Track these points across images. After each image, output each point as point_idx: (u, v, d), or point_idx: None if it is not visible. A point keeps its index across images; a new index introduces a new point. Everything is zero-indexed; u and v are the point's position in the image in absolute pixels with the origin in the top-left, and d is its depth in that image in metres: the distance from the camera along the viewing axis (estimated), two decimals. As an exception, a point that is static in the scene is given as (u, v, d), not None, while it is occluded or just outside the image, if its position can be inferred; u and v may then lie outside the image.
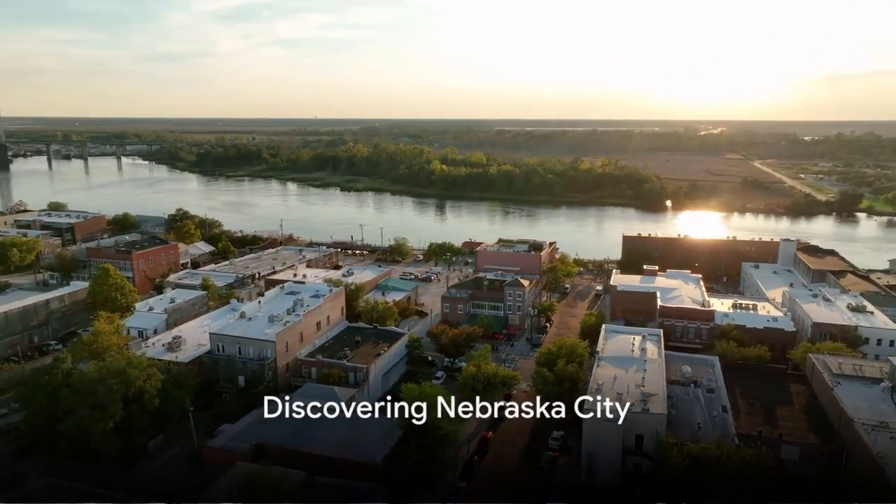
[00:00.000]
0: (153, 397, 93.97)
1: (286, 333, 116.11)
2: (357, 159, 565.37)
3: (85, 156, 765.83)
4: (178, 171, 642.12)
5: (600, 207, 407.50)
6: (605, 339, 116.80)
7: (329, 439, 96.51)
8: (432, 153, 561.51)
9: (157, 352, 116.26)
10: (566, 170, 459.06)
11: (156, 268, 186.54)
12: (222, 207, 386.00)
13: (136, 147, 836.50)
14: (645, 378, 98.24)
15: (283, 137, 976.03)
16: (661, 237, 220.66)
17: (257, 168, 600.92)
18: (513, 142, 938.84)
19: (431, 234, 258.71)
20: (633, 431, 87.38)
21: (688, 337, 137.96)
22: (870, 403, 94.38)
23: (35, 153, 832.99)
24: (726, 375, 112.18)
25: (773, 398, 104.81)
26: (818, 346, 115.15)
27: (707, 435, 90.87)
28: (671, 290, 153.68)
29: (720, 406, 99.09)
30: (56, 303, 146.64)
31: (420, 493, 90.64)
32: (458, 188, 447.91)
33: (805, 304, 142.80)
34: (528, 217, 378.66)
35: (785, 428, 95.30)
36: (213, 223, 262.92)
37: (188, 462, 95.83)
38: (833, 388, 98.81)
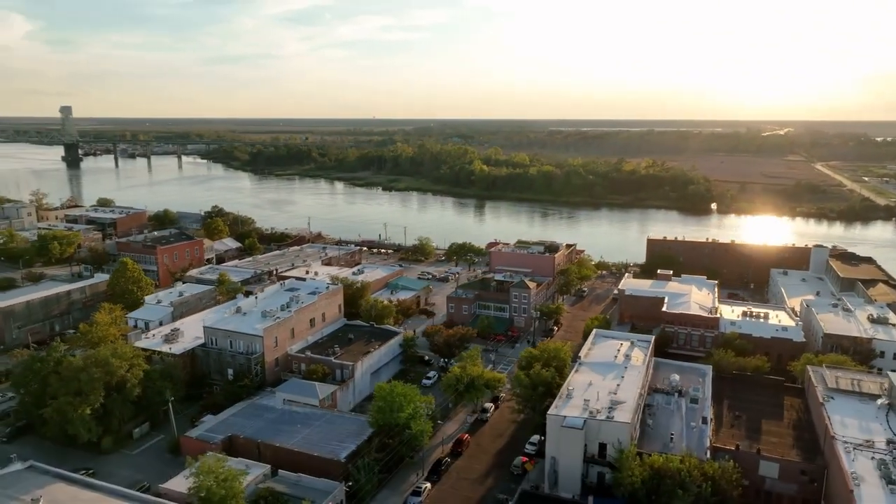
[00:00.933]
0: (134, 387, 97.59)
1: (275, 329, 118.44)
2: (402, 159, 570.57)
3: (148, 154, 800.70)
4: (232, 169, 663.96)
5: (643, 210, 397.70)
6: (593, 344, 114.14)
7: (300, 434, 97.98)
8: (476, 153, 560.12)
9: (154, 343, 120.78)
10: (609, 171, 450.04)
11: (180, 262, 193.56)
12: (265, 205, 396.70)
13: (196, 146, 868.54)
14: (620, 385, 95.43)
15: (336, 137, 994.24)
16: (687, 241, 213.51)
17: (306, 167, 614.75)
18: (563, 142, 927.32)
19: (465, 235, 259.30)
20: (596, 439, 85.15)
21: (691, 344, 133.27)
22: (861, 420, 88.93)
23: (104, 152, 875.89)
24: (718, 386, 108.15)
25: (762, 411, 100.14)
26: (820, 359, 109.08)
27: (679, 446, 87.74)
28: (681, 295, 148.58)
29: (701, 417, 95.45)
30: (77, 294, 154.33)
31: (381, 491, 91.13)
32: (498, 188, 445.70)
33: (821, 314, 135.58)
34: (567, 219, 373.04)
35: (767, 443, 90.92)
36: (246, 220, 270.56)
37: (167, 451, 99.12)
38: (823, 402, 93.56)
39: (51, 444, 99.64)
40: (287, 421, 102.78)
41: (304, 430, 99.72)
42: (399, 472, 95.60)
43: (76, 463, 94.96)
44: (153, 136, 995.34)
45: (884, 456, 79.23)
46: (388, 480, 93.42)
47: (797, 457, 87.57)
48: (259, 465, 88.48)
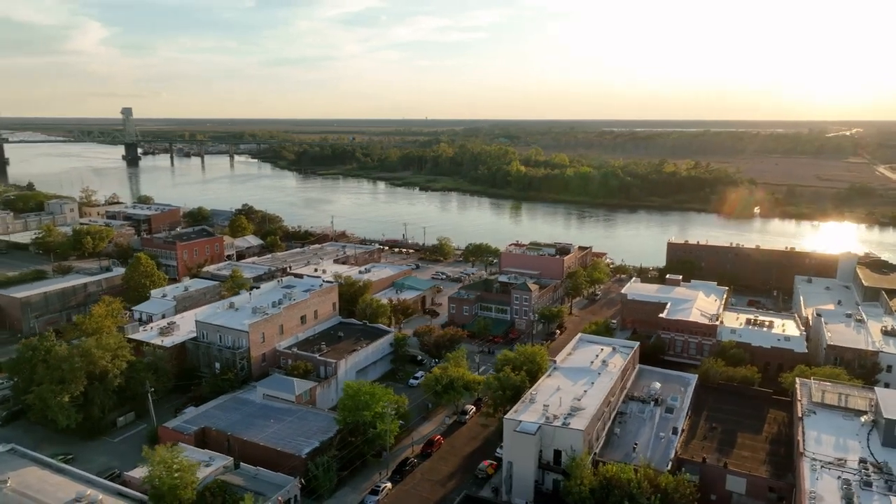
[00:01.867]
0: (116, 377, 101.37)
1: (262, 324, 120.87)
2: (441, 159, 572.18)
3: (202, 154, 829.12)
4: (279, 168, 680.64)
5: (682, 213, 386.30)
6: (574, 349, 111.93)
7: (271, 429, 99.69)
8: (516, 154, 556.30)
9: (149, 335, 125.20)
10: (648, 172, 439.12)
11: (200, 258, 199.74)
12: (301, 204, 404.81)
13: (248, 146, 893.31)
14: (587, 392, 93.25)
15: (383, 137, 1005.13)
16: (710, 245, 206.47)
17: (349, 167, 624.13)
18: (612, 143, 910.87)
19: (495, 235, 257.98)
20: (551, 446, 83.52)
21: (689, 352, 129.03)
22: (839, 437, 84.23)
23: (163, 151, 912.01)
24: (702, 396, 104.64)
25: (742, 423, 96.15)
26: (813, 370, 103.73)
27: (642, 456, 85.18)
28: (684, 301, 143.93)
29: (672, 428, 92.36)
30: (93, 286, 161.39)
31: (342, 489, 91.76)
32: (534, 189, 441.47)
33: (831, 325, 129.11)
34: (604, 221, 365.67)
35: (739, 457, 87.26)
36: (273, 218, 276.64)
37: (146, 440, 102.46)
38: (802, 417, 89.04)
39: (42, 429, 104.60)
40: (262, 415, 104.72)
41: (275, 424, 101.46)
42: (364, 470, 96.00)
43: (60, 448, 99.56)
44: (209, 136, 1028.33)
45: (851, 475, 74.85)
46: (350, 478, 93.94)
47: (767, 473, 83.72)
48: (223, 457, 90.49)
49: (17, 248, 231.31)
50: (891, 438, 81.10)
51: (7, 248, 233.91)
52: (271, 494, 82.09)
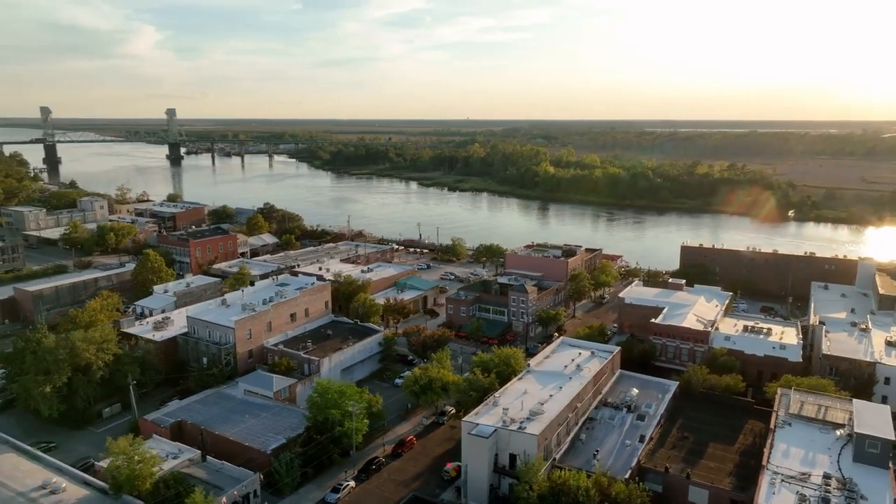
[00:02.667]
0: (99, 369, 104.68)
1: (248, 321, 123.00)
2: (473, 160, 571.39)
3: (242, 154, 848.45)
4: (315, 168, 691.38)
5: (714, 215, 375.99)
6: (552, 352, 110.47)
7: (244, 424, 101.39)
8: (547, 154, 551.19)
9: (143, 329, 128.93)
10: (679, 174, 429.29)
11: (212, 255, 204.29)
12: (327, 202, 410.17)
13: (287, 146, 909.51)
14: (553, 396, 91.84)
15: (421, 137, 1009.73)
16: (725, 249, 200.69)
17: (381, 167, 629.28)
18: (652, 143, 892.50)
19: (520, 236, 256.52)
20: (507, 450, 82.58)
21: (680, 358, 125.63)
22: (809, 451, 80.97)
23: (205, 151, 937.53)
24: (681, 403, 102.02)
25: (716, 433, 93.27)
26: (798, 381, 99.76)
27: (603, 464, 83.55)
28: (682, 306, 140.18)
29: (639, 435, 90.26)
30: (104, 281, 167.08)
31: (306, 485, 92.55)
32: (562, 190, 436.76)
33: (833, 334, 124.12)
34: (633, 223, 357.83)
35: (705, 468, 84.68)
36: (293, 217, 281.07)
37: (127, 431, 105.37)
38: (775, 428, 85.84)
39: (32, 418, 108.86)
40: (240, 411, 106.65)
41: (250, 420, 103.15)
42: (331, 468, 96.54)
43: (45, 436, 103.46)
44: (252, 137, 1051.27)
45: (812, 491, 71.82)
46: (316, 476, 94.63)
47: (730, 485, 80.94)
48: (191, 450, 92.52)
49: (48, 243, 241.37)
50: (862, 454, 77.47)
51: (38, 243, 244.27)
52: (230, 488, 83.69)
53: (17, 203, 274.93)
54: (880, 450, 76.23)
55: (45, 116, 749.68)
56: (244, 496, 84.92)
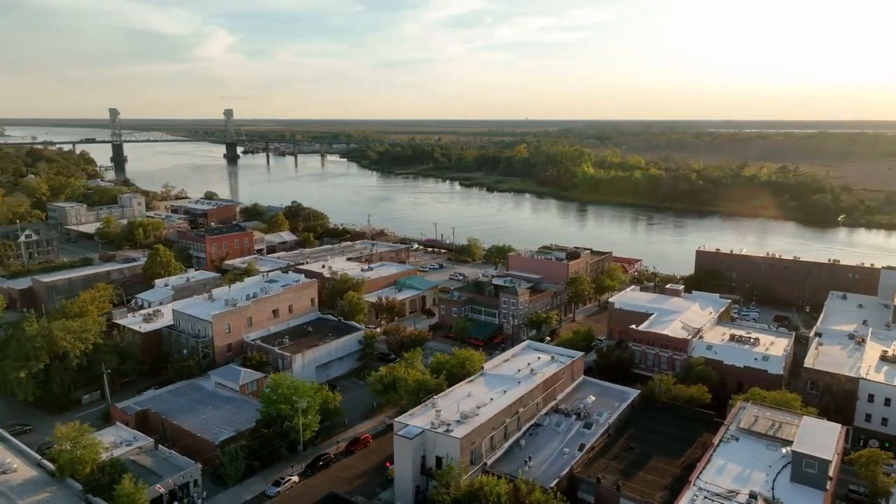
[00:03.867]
0: (76, 357, 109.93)
1: (227, 316, 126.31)
2: (515, 160, 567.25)
3: (295, 153, 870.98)
4: (363, 168, 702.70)
5: (757, 220, 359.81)
6: (514, 356, 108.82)
7: (204, 415, 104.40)
8: (591, 155, 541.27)
9: (133, 321, 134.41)
10: (723, 176, 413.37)
11: (228, 251, 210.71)
12: (364, 201, 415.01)
13: (339, 146, 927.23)
14: (494, 400, 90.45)
15: (471, 138, 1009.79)
16: (742, 255, 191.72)
17: (425, 167, 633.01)
18: (709, 144, 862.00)
19: (543, 238, 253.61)
20: (433, 452, 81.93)
21: (660, 366, 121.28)
22: (747, 467, 76.98)
23: (262, 150, 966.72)
24: (638, 413, 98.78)
25: (666, 445, 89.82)
26: (760, 395, 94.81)
27: (534, 471, 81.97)
28: (672, 312, 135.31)
29: (580, 444, 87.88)
30: (116, 274, 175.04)
31: (252, 478, 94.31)
32: (600, 192, 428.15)
33: (826, 346, 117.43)
34: (673, 226, 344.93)
35: (642, 480, 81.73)
36: (319, 215, 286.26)
37: (101, 417, 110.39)
38: (718, 443, 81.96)
39: (19, 402, 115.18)
40: (206, 402, 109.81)
41: (211, 411, 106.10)
42: (280, 462, 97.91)
43: (23, 419, 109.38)
44: (309, 137, 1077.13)
45: (733, 510, 68.26)
46: (264, 469, 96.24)
47: (661, 499, 77.69)
48: (145, 438, 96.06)
49: (86, 237, 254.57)
50: (799, 473, 73.02)
51: (77, 236, 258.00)
52: (170, 475, 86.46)
53: (64, 199, 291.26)
54: (818, 470, 71.61)
55: (114, 117, 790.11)
56: (183, 485, 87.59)
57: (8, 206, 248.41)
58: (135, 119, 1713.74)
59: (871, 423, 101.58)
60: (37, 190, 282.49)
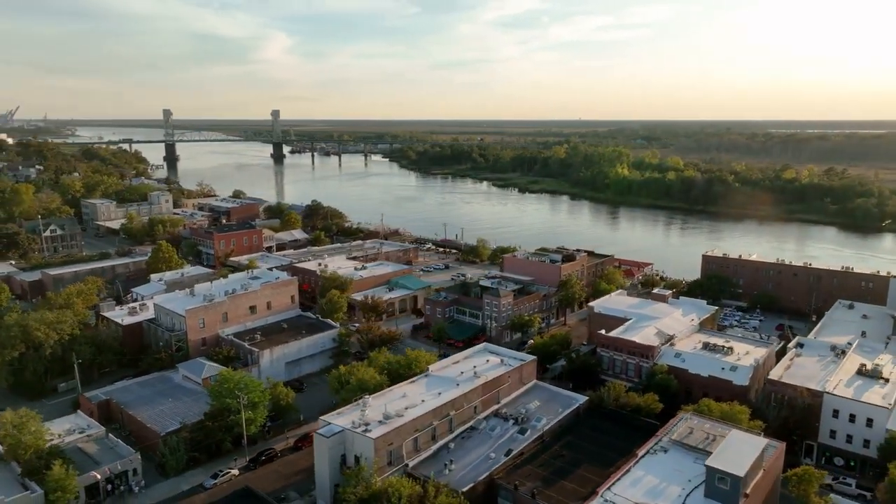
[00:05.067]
0: (50, 347, 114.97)
1: (201, 311, 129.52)
2: (552, 161, 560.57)
3: (339, 153, 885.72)
4: (402, 167, 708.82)
5: (800, 225, 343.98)
6: (465, 357, 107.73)
7: (162, 406, 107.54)
8: (629, 156, 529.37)
9: (118, 314, 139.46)
10: (761, 178, 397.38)
11: (237, 248, 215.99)
12: (392, 201, 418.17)
13: (383, 146, 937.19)
14: (426, 401, 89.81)
15: (515, 138, 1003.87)
16: (750, 260, 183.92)
17: (461, 167, 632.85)
18: (762, 145, 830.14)
19: (565, 240, 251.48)
20: (352, 451, 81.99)
21: (627, 373, 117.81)
22: (664, 481, 74.13)
23: (309, 150, 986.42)
24: (582, 420, 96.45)
25: (599, 454, 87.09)
26: (709, 406, 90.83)
27: (454, 475, 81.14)
28: (650, 318, 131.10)
29: (507, 449, 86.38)
30: (121, 268, 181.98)
31: (194, 469, 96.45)
32: (632, 193, 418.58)
33: (802, 357, 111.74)
34: (707, 230, 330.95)
35: (561, 489, 79.87)
36: (336, 214, 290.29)
37: (71, 405, 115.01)
38: (643, 454, 79.11)
39: (5, 388, 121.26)
40: (169, 394, 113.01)
41: (170, 403, 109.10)
42: (225, 455, 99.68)
43: (2, 405, 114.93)
44: (357, 137, 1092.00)
45: (630, 524, 65.76)
46: (209, 461, 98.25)
47: (575, 509, 75.48)
48: (97, 427, 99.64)
49: (113, 232, 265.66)
50: (712, 489, 69.73)
51: (105, 232, 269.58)
52: (108, 462, 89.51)
53: (99, 196, 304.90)
54: (730, 486, 68.14)
55: (167, 118, 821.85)
56: (122, 473, 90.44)
57: (40, 202, 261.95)
58: (193, 119, 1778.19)
59: (835, 439, 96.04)
60: (71, 187, 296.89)
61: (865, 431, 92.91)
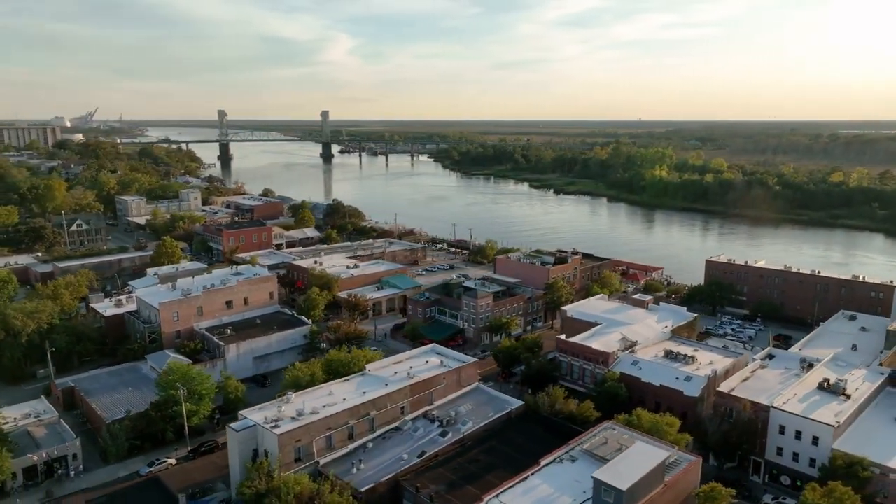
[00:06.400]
0: (27, 335, 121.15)
1: (175, 304, 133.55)
2: (592, 162, 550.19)
3: (387, 153, 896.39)
4: (445, 168, 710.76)
5: (846, 231, 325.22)
6: (409, 357, 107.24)
7: (121, 395, 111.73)
8: (674, 157, 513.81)
9: (104, 306, 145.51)
10: (805, 181, 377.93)
11: (246, 245, 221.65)
12: (421, 201, 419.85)
13: (431, 146, 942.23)
14: (346, 400, 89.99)
15: (564, 139, 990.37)
16: (754, 266, 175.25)
17: (502, 168, 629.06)
18: (823, 147, 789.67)
19: (588, 244, 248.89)
20: (262, 446, 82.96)
21: (584, 379, 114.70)
22: (557, 491, 72.27)
23: (359, 150, 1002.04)
24: (513, 424, 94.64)
25: (513, 460, 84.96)
26: (638, 415, 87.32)
27: (362, 474, 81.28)
28: (621, 323, 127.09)
29: (421, 451, 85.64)
30: (127, 262, 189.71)
31: (136, 457, 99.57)
32: (668, 196, 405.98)
33: (764, 370, 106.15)
34: (747, 236, 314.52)
35: (465, 494, 78.49)
36: (355, 213, 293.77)
37: (42, 392, 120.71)
38: (547, 463, 77.00)
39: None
40: (132, 384, 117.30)
41: (129, 393, 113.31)
42: (167, 445, 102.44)
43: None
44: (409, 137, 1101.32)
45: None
46: (152, 450, 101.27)
47: (468, 516, 74.04)
48: (52, 412, 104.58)
49: (140, 228, 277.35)
50: (598, 502, 66.97)
51: (135, 227, 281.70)
52: (49, 446, 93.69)
53: (133, 192, 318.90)
54: (613, 500, 65.36)
55: (222, 118, 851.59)
56: (61, 457, 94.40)
57: (73, 198, 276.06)
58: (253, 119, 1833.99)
59: (782, 457, 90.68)
60: (106, 184, 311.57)
61: (811, 450, 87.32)
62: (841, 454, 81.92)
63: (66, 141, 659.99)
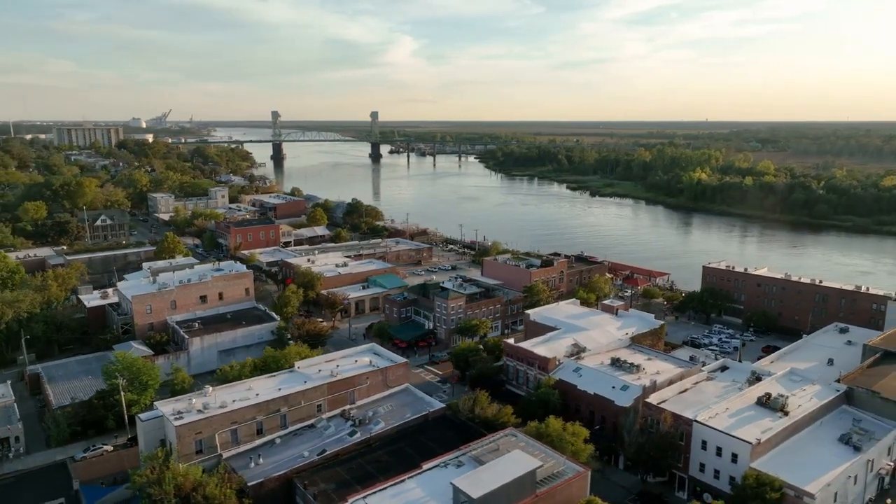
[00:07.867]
0: (3, 322, 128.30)
1: (148, 298, 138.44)
2: (634, 163, 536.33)
3: (434, 154, 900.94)
4: (488, 168, 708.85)
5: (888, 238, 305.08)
6: (344, 356, 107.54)
7: (79, 383, 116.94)
8: (720, 158, 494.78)
9: (91, 297, 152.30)
10: (854, 185, 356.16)
11: (254, 242, 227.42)
12: (452, 201, 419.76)
13: (478, 147, 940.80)
14: (259, 395, 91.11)
15: (619, 140, 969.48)
16: (753, 274, 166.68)
17: (544, 168, 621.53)
18: (894, 150, 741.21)
19: (591, 247, 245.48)
20: (167, 437, 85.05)
21: (528, 384, 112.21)
22: (430, 498, 70.64)
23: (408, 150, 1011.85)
24: (427, 427, 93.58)
25: (415, 463, 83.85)
26: (547, 423, 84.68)
27: (259, 469, 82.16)
28: (578, 329, 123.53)
29: (322, 449, 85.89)
30: (133, 256, 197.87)
31: (77, 442, 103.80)
32: (706, 199, 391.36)
33: (711, 381, 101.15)
34: (788, 243, 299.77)
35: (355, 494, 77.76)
36: (373, 212, 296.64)
37: (17, 378, 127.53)
38: (429, 466, 75.71)
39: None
40: (96, 372, 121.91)
41: (89, 381, 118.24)
42: (110, 432, 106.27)
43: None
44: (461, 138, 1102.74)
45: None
46: (95, 436, 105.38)
47: (344, 516, 73.62)
48: (10, 396, 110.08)
49: (165, 224, 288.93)
50: (459, 512, 65.47)
51: (162, 224, 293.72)
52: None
53: (166, 190, 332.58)
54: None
55: (275, 119, 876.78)
56: (4, 439, 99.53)
57: (105, 194, 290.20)
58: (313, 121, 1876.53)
59: (704, 473, 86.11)
60: (139, 182, 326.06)
61: (731, 467, 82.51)
62: (754, 473, 77.05)
63: (126, 141, 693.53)
